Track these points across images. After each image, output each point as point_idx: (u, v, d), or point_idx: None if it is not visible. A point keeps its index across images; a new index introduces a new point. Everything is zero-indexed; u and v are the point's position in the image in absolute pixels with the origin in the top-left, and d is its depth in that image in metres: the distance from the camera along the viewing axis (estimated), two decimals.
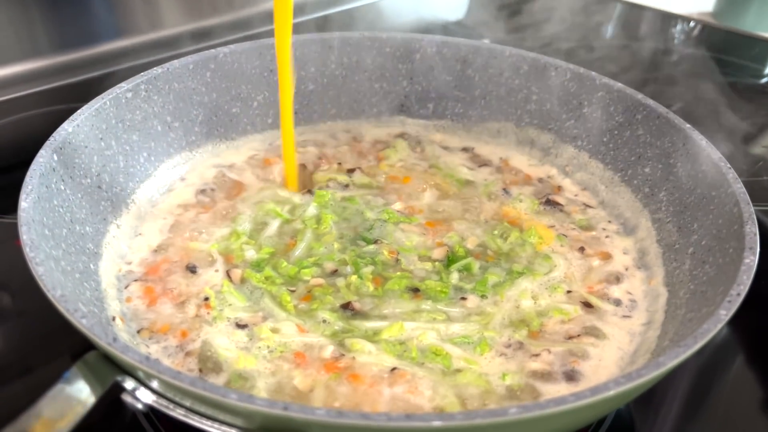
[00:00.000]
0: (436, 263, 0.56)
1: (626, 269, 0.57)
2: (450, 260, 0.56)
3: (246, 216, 0.60)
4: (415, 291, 0.53)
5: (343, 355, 0.47)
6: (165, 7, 1.00)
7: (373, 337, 0.49)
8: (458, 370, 0.46)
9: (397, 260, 0.56)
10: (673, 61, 1.15)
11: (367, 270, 0.55)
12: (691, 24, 1.27)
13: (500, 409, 0.33)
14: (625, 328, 0.51)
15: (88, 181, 0.55)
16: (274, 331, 0.49)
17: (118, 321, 0.47)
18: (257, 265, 0.55)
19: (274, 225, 0.59)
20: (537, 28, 1.31)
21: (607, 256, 0.58)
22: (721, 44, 1.21)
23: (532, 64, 0.69)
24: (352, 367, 0.46)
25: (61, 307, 0.38)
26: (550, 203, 0.64)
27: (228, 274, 0.54)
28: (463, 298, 0.53)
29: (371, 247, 0.57)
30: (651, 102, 0.62)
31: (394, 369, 0.46)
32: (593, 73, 0.66)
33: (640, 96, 0.63)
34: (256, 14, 1.08)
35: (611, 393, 0.35)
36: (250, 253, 0.56)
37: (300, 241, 0.57)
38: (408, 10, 1.29)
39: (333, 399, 0.44)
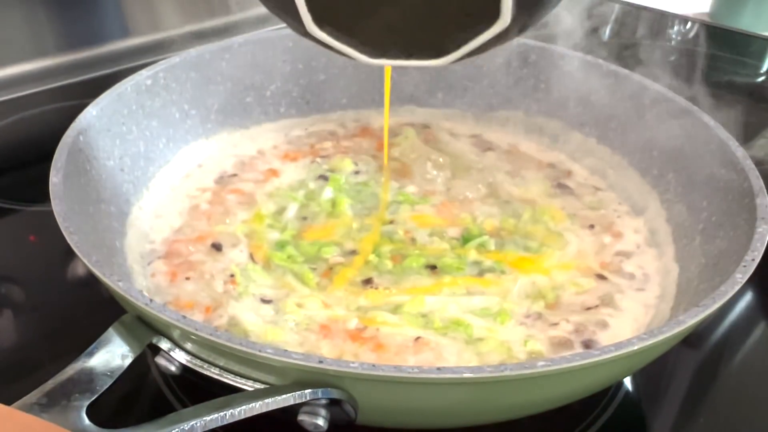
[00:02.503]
0: (452, 241, 0.57)
1: (638, 247, 0.58)
2: (465, 239, 0.57)
3: (267, 200, 0.61)
4: (432, 268, 0.54)
5: (367, 327, 0.48)
6: (172, 8, 1.02)
7: (395, 310, 0.50)
8: (480, 339, 0.48)
9: (413, 239, 0.57)
10: (670, 61, 1.17)
11: (386, 249, 0.56)
12: (689, 24, 1.29)
13: (529, 362, 0.34)
14: (639, 300, 0.52)
15: (111, 164, 0.56)
16: (299, 305, 0.50)
17: (145, 293, 0.48)
18: (280, 246, 0.56)
19: (293, 209, 0.61)
20: (535, 32, 1.33)
21: (618, 235, 0.59)
22: (718, 43, 1.23)
23: (540, 53, 0.71)
24: (377, 337, 0.47)
25: (98, 272, 0.39)
26: (561, 186, 0.65)
27: (251, 254, 0.55)
28: (480, 274, 0.54)
29: (388, 227, 0.59)
30: (658, 87, 0.63)
31: (418, 338, 0.47)
32: (600, 60, 0.68)
33: (647, 82, 0.64)
34: (262, 15, 1.10)
35: (635, 348, 0.36)
36: (274, 235, 0.57)
37: (318, 223, 0.59)
38: None
39: None
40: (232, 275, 0.53)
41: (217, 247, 0.56)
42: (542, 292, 0.52)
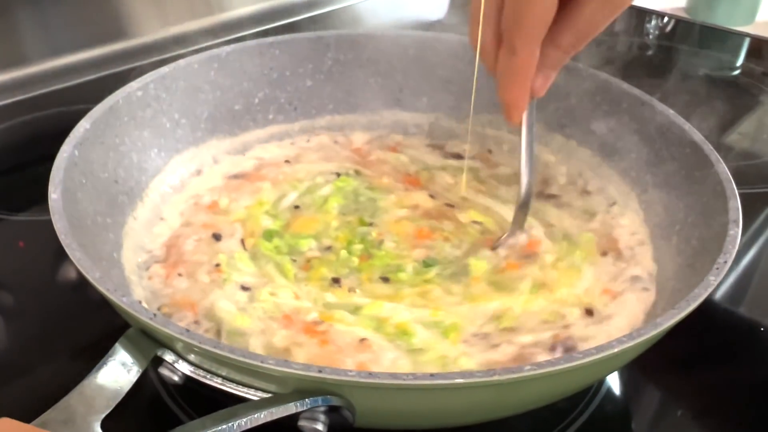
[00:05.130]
0: (414, 263, 0.58)
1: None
2: (426, 263, 0.58)
3: (269, 189, 0.64)
4: (385, 280, 0.56)
5: (323, 321, 0.51)
6: (153, 12, 1.03)
7: (354, 311, 0.52)
8: (422, 350, 0.49)
9: (381, 242, 0.60)
10: (648, 55, 1.20)
11: (357, 247, 0.58)
12: (665, 19, 1.32)
13: (516, 366, 0.36)
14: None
15: (106, 176, 0.57)
16: (272, 294, 0.53)
17: (144, 304, 0.50)
18: (268, 236, 0.59)
19: (291, 197, 0.64)
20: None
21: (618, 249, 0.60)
22: (695, 38, 1.26)
23: None
24: (328, 333, 0.50)
25: (102, 288, 0.40)
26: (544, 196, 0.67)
27: (242, 242, 0.58)
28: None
29: (364, 228, 0.61)
30: (636, 91, 0.65)
31: (363, 340, 0.49)
32: (580, 65, 0.70)
33: (625, 86, 0.66)
34: (239, 17, 1.11)
35: (615, 351, 0.38)
36: (267, 223, 0.60)
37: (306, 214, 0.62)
38: (387, 11, 1.32)
39: (304, 360, 0.48)
40: (218, 264, 0.55)
41: (216, 237, 0.59)
42: (504, 314, 0.53)
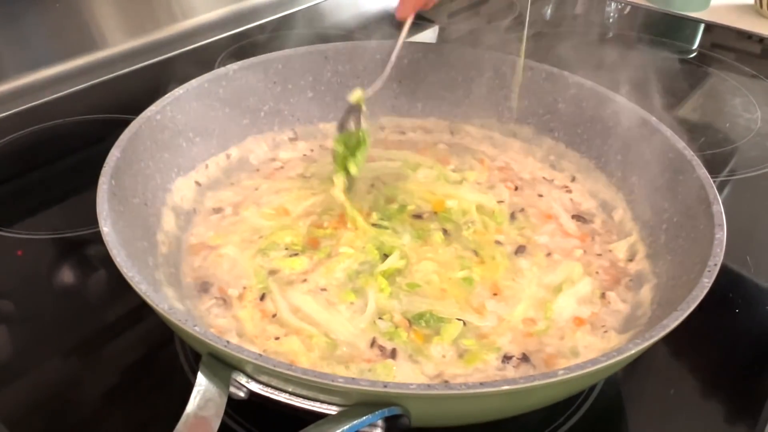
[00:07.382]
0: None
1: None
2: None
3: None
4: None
5: None
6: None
7: None
8: None
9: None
10: (607, 40, 1.26)
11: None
12: (624, 5, 1.38)
13: (552, 372, 0.42)
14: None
15: (137, 200, 0.60)
16: None
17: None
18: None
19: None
20: (476, 11, 1.41)
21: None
22: (653, 24, 1.33)
23: (511, 65, 0.78)
24: None
25: (174, 319, 0.44)
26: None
27: None
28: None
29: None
30: (619, 98, 0.71)
31: None
32: (565, 72, 0.75)
33: (609, 93, 0.72)
34: (199, 25, 1.13)
35: (632, 351, 0.44)
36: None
37: None
38: (352, 6, 1.35)
39: None
40: None
41: None
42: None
